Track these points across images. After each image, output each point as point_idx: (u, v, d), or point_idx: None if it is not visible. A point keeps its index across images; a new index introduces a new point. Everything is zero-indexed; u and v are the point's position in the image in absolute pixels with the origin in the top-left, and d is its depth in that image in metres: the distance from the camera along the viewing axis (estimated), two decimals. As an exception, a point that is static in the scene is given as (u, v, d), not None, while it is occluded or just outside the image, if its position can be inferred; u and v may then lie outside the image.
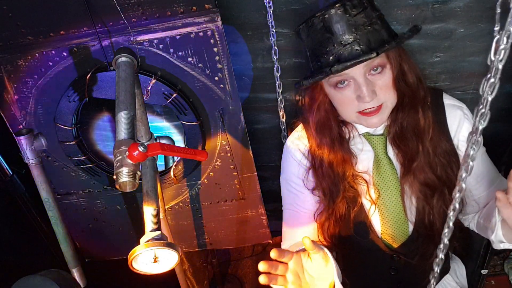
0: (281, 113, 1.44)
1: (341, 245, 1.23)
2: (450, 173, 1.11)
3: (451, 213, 0.81)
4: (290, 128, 1.35)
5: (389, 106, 1.04)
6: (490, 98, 0.68)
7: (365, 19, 0.95)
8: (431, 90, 1.12)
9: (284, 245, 1.27)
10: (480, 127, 0.70)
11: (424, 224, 1.14)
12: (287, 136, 1.50)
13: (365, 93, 0.96)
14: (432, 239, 1.15)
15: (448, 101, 1.14)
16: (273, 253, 0.86)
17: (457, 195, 0.79)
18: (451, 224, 0.82)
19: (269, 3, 1.20)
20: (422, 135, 1.09)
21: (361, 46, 0.94)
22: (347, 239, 1.20)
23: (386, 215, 1.15)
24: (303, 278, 0.92)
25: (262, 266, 0.85)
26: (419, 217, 1.15)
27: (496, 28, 0.73)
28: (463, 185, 0.78)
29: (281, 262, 0.88)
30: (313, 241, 0.88)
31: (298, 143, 1.21)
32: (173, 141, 1.61)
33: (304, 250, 0.92)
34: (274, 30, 1.27)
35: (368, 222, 1.16)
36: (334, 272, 0.97)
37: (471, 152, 0.73)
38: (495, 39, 0.63)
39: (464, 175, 0.76)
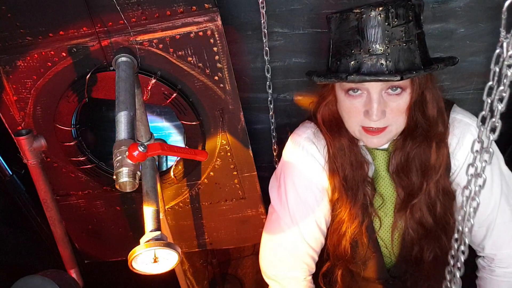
0: (270, 113, 1.43)
1: (343, 261, 1.17)
2: (449, 216, 1.04)
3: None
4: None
5: (394, 131, 0.97)
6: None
7: (404, 33, 0.87)
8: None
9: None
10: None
11: (409, 259, 1.11)
12: (276, 138, 1.45)
13: (374, 111, 0.90)
14: (419, 273, 1.12)
15: (455, 115, 1.04)
16: None
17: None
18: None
19: (262, 3, 1.19)
20: (430, 173, 1.00)
21: (388, 62, 0.87)
22: (351, 256, 1.14)
23: (384, 228, 1.12)
24: None
25: None
26: (404, 251, 1.10)
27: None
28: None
29: None
30: None
31: (315, 141, 1.10)
32: (165, 141, 1.61)
33: None
34: (266, 30, 1.25)
35: (374, 234, 1.12)
36: None
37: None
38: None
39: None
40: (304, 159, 1.11)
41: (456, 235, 0.75)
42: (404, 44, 0.87)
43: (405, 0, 0.88)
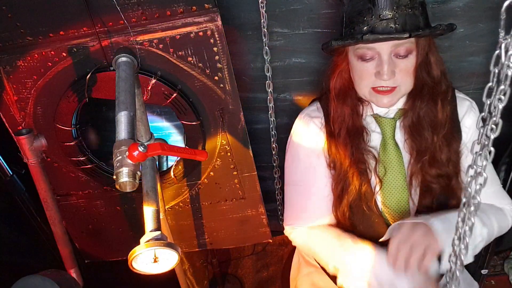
0: (270, 111, 1.45)
1: (347, 222, 1.23)
2: (459, 168, 1.14)
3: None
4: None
5: (402, 91, 1.07)
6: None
7: (409, 1, 0.99)
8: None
9: (298, 226, 1.28)
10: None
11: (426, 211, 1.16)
12: (276, 137, 1.53)
13: (385, 71, 1.01)
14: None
15: (459, 94, 1.18)
16: None
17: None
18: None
19: (262, 3, 1.21)
20: (438, 128, 1.11)
21: (397, 25, 0.99)
22: (353, 216, 1.21)
23: (388, 195, 1.17)
24: None
25: None
26: (423, 205, 1.17)
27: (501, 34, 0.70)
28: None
29: None
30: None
31: (314, 116, 1.22)
32: (165, 141, 1.61)
33: None
34: (266, 30, 1.27)
35: (373, 198, 1.17)
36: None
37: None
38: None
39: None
40: (306, 124, 1.22)
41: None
42: (410, 10, 0.99)
43: None
